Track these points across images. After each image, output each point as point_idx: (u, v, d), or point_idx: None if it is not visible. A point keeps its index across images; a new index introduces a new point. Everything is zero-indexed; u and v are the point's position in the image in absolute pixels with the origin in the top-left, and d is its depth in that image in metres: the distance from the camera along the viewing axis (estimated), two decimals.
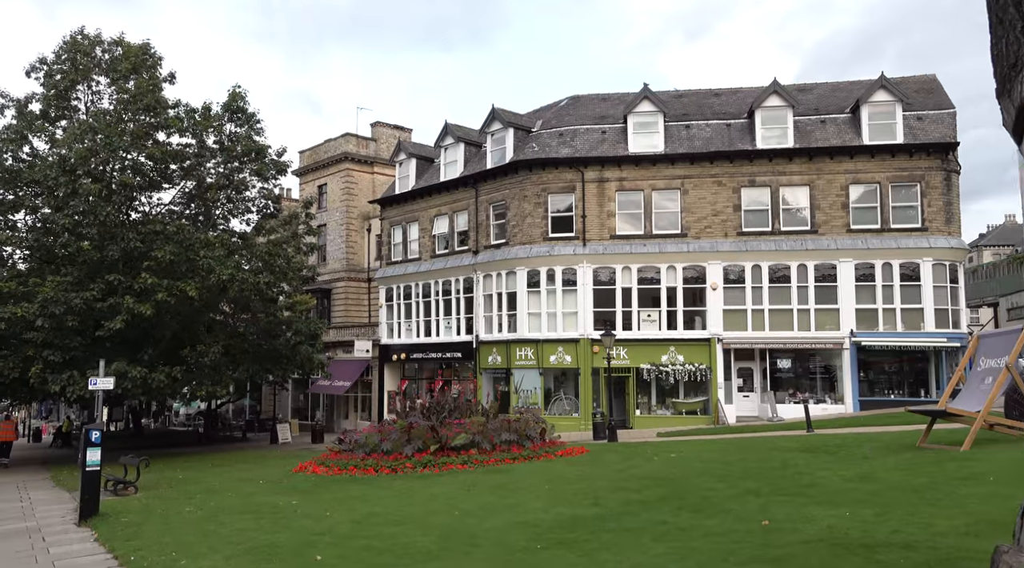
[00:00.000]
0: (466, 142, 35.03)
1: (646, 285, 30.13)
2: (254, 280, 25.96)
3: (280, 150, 29.55)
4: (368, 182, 43.63)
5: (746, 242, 29.44)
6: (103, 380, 15.24)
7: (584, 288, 30.25)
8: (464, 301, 33.75)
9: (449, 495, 12.03)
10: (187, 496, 14.67)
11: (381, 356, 37.65)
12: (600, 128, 31.99)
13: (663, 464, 14.18)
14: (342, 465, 16.52)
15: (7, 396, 32.24)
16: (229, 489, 15.46)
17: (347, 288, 42.70)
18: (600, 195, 30.67)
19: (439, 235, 35.59)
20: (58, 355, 23.50)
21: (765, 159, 29.62)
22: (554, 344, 30.38)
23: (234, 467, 21.53)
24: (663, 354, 29.64)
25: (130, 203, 27.19)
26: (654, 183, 30.45)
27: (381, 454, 16.48)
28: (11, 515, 14.27)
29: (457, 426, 17.06)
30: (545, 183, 31.18)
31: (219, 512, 12.09)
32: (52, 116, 27.93)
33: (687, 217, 30.04)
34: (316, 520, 10.60)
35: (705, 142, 30.52)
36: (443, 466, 15.71)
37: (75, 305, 23.08)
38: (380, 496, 12.62)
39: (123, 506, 13.67)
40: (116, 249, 24.46)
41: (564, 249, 30.54)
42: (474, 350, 32.79)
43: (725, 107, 32.44)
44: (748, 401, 29.95)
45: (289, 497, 13.32)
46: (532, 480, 13.12)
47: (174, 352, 27.19)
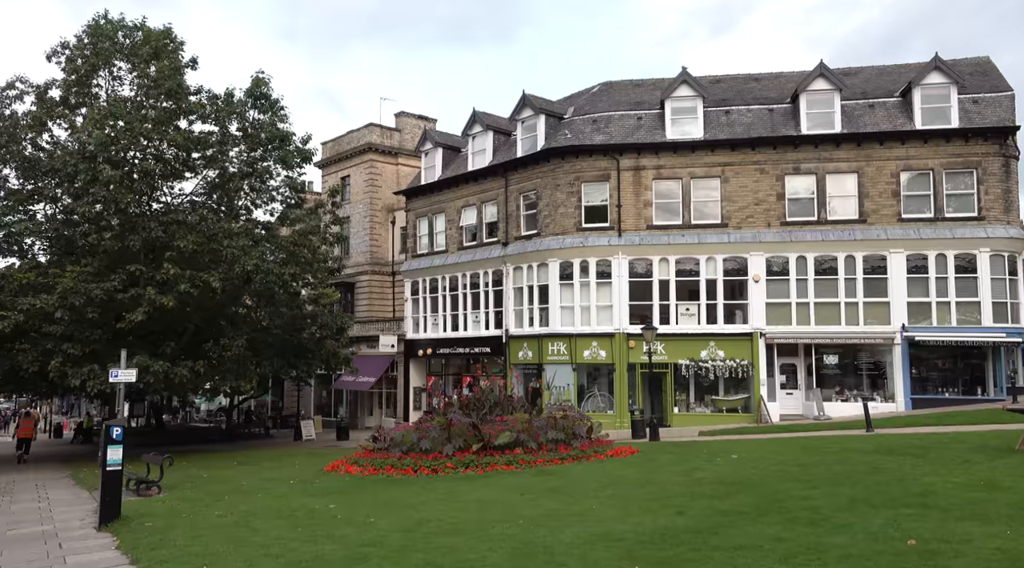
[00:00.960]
0: (495, 130, 33.90)
1: (684, 277, 28.86)
2: (279, 271, 24.99)
3: (305, 137, 28.60)
4: (392, 173, 42.63)
5: (790, 232, 28.08)
6: (125, 372, 14.18)
7: (619, 280, 29.03)
8: (493, 294, 32.64)
9: (503, 500, 10.92)
10: (215, 497, 13.67)
11: (406, 351, 36.67)
12: (635, 114, 30.73)
13: (730, 466, 12.99)
14: (377, 465, 15.45)
15: (27, 391, 31.61)
16: (259, 490, 14.45)
17: (371, 282, 41.75)
18: (636, 184, 29.42)
19: (467, 226, 34.49)
20: (78, 348, 22.65)
21: (810, 145, 28.23)
22: (588, 339, 29.20)
23: (260, 465, 20.56)
24: (702, 349, 28.37)
25: (151, 192, 26.31)
26: (693, 171, 29.15)
27: (419, 453, 15.40)
28: (28, 517, 13.34)
29: (500, 424, 15.95)
30: (578, 171, 29.98)
31: (251, 517, 11.05)
32: (72, 103, 27.10)
33: (728, 206, 28.73)
34: (360, 528, 9.52)
35: (746, 128, 29.17)
36: (487, 467, 14.61)
37: (95, 296, 22.21)
38: (424, 500, 11.53)
39: (146, 508, 12.68)
40: (137, 239, 23.58)
41: (598, 240, 29.34)
42: (504, 345, 31.68)
43: (766, 92, 31.06)
44: (792, 399, 28.61)
45: (325, 500, 12.27)
46: (590, 483, 11.99)
47: (196, 346, 26.31)
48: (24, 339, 24.18)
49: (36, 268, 24.99)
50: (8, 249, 27.50)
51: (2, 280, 23.24)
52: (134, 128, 24.04)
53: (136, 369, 13.58)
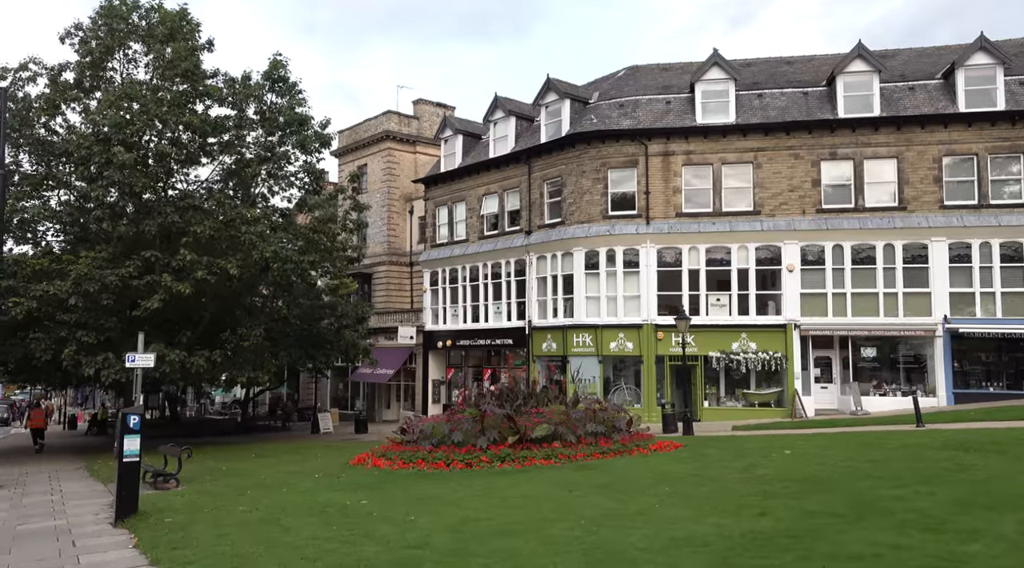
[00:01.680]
0: (518, 116, 32.94)
1: (715, 267, 27.85)
2: (298, 259, 24.18)
3: (324, 121, 27.72)
4: (410, 162, 41.76)
5: (826, 220, 27.01)
6: (142, 357, 13.30)
7: (647, 270, 28.05)
8: (515, 285, 31.74)
9: (550, 497, 10.05)
10: (236, 492, 12.87)
11: (425, 343, 35.85)
12: (664, 98, 29.70)
13: (789, 462, 12.06)
14: (407, 458, 14.60)
15: (40, 381, 31.02)
16: (282, 484, 13.64)
17: (388, 272, 40.95)
18: (665, 170, 28.41)
19: (488, 215, 33.58)
20: (92, 336, 21.93)
21: (847, 129, 27.12)
22: (614, 330, 28.25)
23: (279, 458, 19.79)
24: (734, 341, 27.37)
25: (167, 178, 25.54)
26: (724, 157, 28.11)
27: (451, 446, 14.54)
28: (40, 510, 12.58)
29: (536, 415, 15.05)
30: (605, 157, 28.99)
31: (279, 513, 10.23)
32: (86, 86, 26.38)
33: (760, 193, 27.68)
34: (400, 526, 8.67)
35: (780, 112, 28.09)
36: (524, 461, 13.73)
37: (110, 283, 21.48)
38: (463, 496, 10.68)
39: (165, 502, 11.89)
40: (153, 224, 22.83)
41: (626, 228, 28.36)
42: (527, 336, 30.79)
43: (799, 75, 29.96)
44: (826, 393, 27.60)
45: (355, 495, 11.44)
46: (641, 479, 11.10)
47: (212, 336, 25.60)
48: (37, 327, 23.53)
49: (49, 254, 24.31)
50: (22, 236, 26.86)
51: (15, 266, 22.55)
52: (149, 110, 23.29)
53: (154, 354, 12.71)
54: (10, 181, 25.57)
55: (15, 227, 26.32)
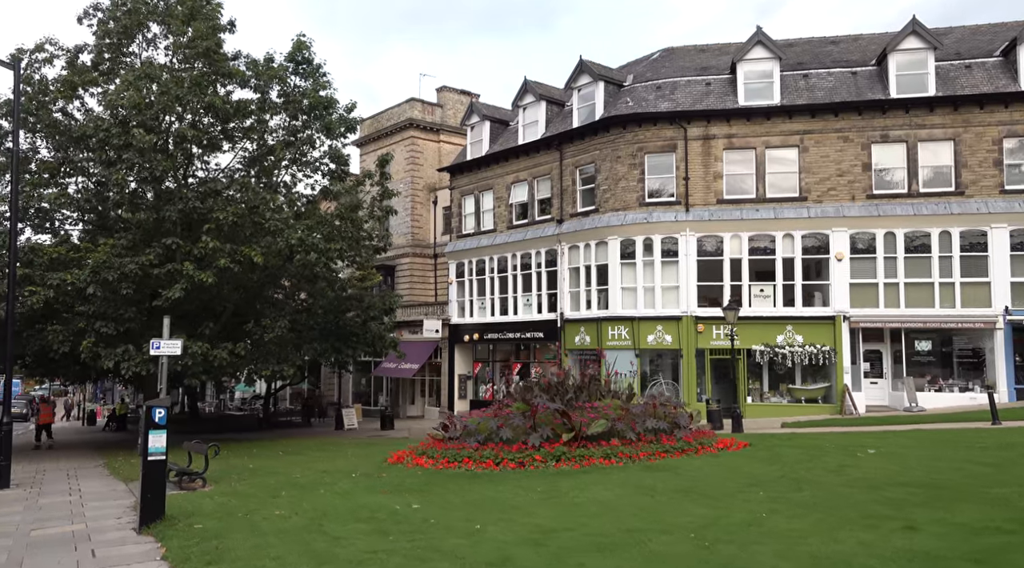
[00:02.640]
0: (548, 100, 31.71)
1: (759, 256, 26.51)
2: (324, 247, 23.09)
3: (349, 105, 26.60)
4: (434, 151, 40.62)
5: (877, 206, 25.59)
6: (168, 344, 12.13)
7: (687, 259, 26.76)
8: (546, 276, 30.54)
9: (629, 503, 8.87)
10: (269, 492, 11.77)
11: (451, 337, 34.76)
12: (703, 79, 28.35)
13: (883, 462, 10.82)
14: (451, 456, 13.44)
15: (57, 374, 30.17)
16: (317, 484, 12.53)
17: (412, 265, 39.85)
18: (705, 154, 27.08)
19: (517, 204, 32.39)
20: (111, 327, 20.96)
21: (900, 110, 25.67)
22: (652, 322, 26.99)
23: (308, 456, 18.72)
24: (779, 334, 26.03)
25: (188, 164, 24.50)
26: (768, 140, 26.73)
27: (500, 444, 13.36)
28: (57, 512, 11.54)
29: (590, 410, 13.85)
30: (641, 142, 27.70)
31: (321, 518, 9.10)
32: (104, 69, 25.41)
33: (807, 178, 26.29)
34: (469, 538, 7.51)
35: (828, 93, 26.66)
36: (582, 460, 12.54)
37: (130, 271, 20.48)
38: (527, 501, 9.50)
39: (193, 505, 10.80)
40: (173, 210, 21.80)
41: (664, 215, 27.08)
42: (558, 329, 29.59)
43: (846, 55, 28.50)
44: (876, 388, 26.21)
45: (403, 498, 10.30)
46: (725, 483, 9.88)
47: (235, 328, 24.62)
48: (55, 319, 22.61)
49: (66, 243, 23.39)
50: (40, 225, 25.95)
51: (31, 254, 21.61)
52: (170, 91, 22.24)
53: (180, 340, 11.61)
54: (26, 169, 24.67)
55: (32, 216, 25.44)
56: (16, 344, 22.51)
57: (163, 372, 11.88)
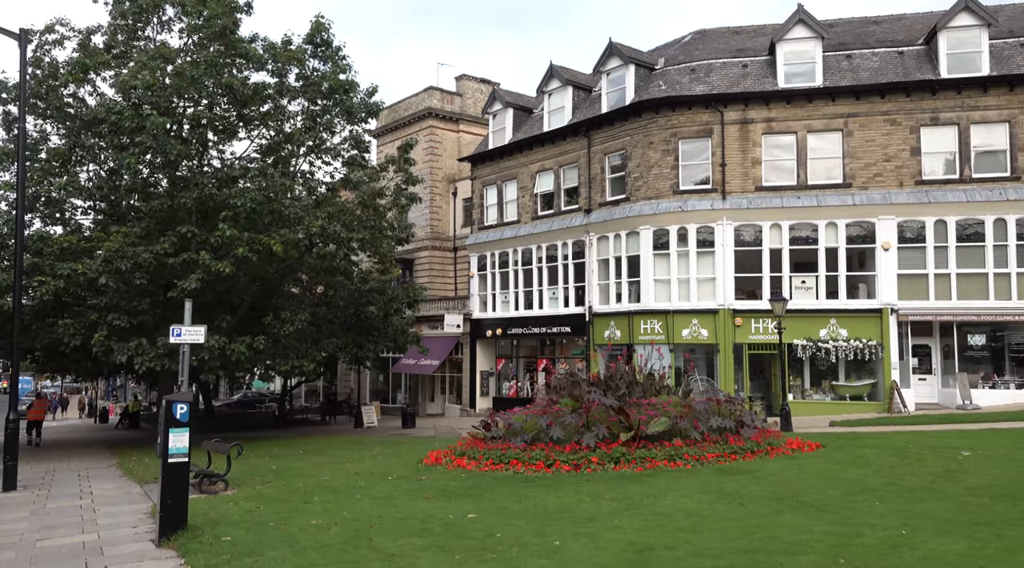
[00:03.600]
0: (575, 86, 30.47)
1: (800, 246, 25.21)
2: (347, 236, 21.97)
3: (370, 89, 25.47)
4: (453, 141, 39.46)
5: (927, 192, 24.24)
6: (190, 331, 10.97)
7: (723, 250, 25.49)
8: (573, 268, 29.33)
9: (724, 514, 7.69)
10: (300, 497, 10.64)
11: (472, 332, 33.61)
12: (740, 61, 27.04)
13: (992, 465, 9.54)
14: (496, 457, 12.25)
15: (69, 370, 29.22)
16: (351, 487, 11.38)
17: (431, 258, 38.71)
18: (743, 139, 25.79)
19: (542, 193, 31.19)
20: (124, 320, 19.91)
21: (952, 91, 24.30)
22: (687, 316, 25.74)
23: (333, 455, 17.59)
24: (821, 328, 24.73)
25: (203, 150, 23.39)
26: (810, 124, 25.41)
27: (550, 444, 12.16)
28: (67, 519, 10.45)
29: (648, 407, 12.63)
30: (675, 127, 26.43)
31: (367, 529, 7.96)
32: (117, 52, 24.38)
33: (851, 164, 24.96)
34: (552, 558, 6.37)
35: (873, 74, 25.30)
36: (644, 462, 11.34)
37: (144, 260, 19.42)
38: (601, 511, 8.32)
39: (217, 511, 9.68)
40: (189, 197, 20.72)
41: (699, 204, 25.82)
42: (587, 324, 28.38)
43: (890, 35, 27.13)
44: (925, 385, 24.86)
45: (454, 505, 9.15)
46: (820, 489, 8.68)
47: (253, 322, 23.56)
48: (66, 313, 21.62)
49: (77, 232, 22.37)
50: (50, 216, 24.95)
51: (40, 243, 20.58)
52: (185, 72, 21.16)
53: (204, 327, 10.52)
54: (35, 157, 23.68)
55: (42, 205, 24.46)
56: (24, 338, 21.57)
57: (184, 362, 10.72)
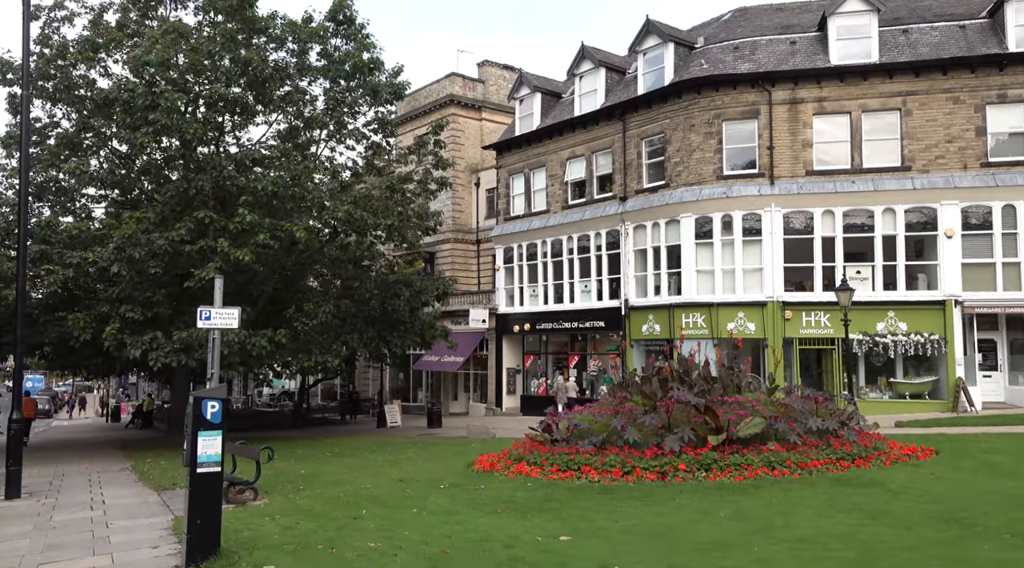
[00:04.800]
0: (608, 67, 28.93)
1: (855, 233, 23.61)
2: (373, 222, 20.51)
3: (396, 68, 23.97)
4: (475, 130, 37.97)
5: (994, 175, 22.59)
6: (221, 312, 9.29)
7: (772, 238, 23.91)
8: (607, 259, 27.79)
9: (896, 542, 6.11)
10: (345, 510, 9.16)
11: (498, 327, 32.14)
12: (788, 38, 25.41)
13: None
14: (563, 463, 10.69)
15: (79, 367, 27.88)
16: (400, 498, 9.89)
17: (453, 251, 37.23)
18: (792, 120, 24.19)
19: (572, 181, 29.67)
20: (138, 312, 18.51)
21: (1021, 66, 22.63)
22: (732, 309, 24.18)
23: (364, 458, 16.12)
24: (878, 321, 23.12)
25: (219, 133, 21.94)
26: (865, 103, 23.78)
27: (625, 448, 10.62)
28: (76, 535, 9.02)
29: (735, 406, 11.07)
30: (719, 108, 24.85)
31: (442, 558, 6.47)
32: (130, 31, 23.00)
33: (911, 145, 23.32)
34: None
35: (933, 49, 23.63)
36: (741, 470, 9.77)
37: (159, 247, 18.00)
38: (724, 534, 6.76)
39: (250, 528, 8.20)
40: (207, 179, 19.29)
41: (745, 189, 24.24)
42: (622, 318, 26.84)
43: (948, 8, 25.44)
44: (990, 382, 23.23)
45: (535, 522, 7.65)
46: (991, 507, 7.11)
47: (273, 315, 22.16)
48: (76, 306, 20.26)
49: (88, 219, 21.00)
50: (60, 205, 23.59)
51: (47, 230, 19.21)
52: (200, 47, 19.74)
53: (238, 309, 9.05)
54: (44, 142, 22.33)
55: (51, 192, 23.14)
56: (32, 332, 20.22)
57: (215, 350, 9.15)
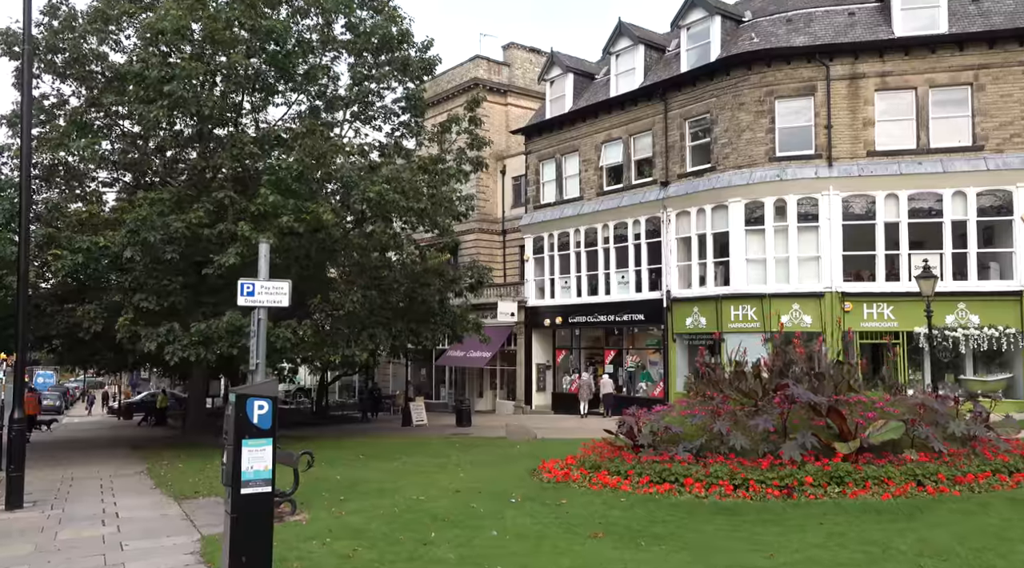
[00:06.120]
0: (647, 44, 27.24)
1: (921, 219, 21.90)
2: (406, 205, 18.94)
3: (426, 42, 22.42)
4: (501, 115, 36.34)
5: None
6: (268, 287, 7.37)
7: (830, 224, 22.22)
8: (647, 248, 26.13)
9: None
10: (406, 530, 7.60)
11: (527, 321, 30.60)
12: (846, 8, 23.66)
13: None
14: (657, 474, 8.95)
15: (90, 362, 26.43)
16: (467, 515, 8.32)
17: (478, 242, 35.65)
18: (852, 97, 22.47)
19: (608, 166, 28.03)
20: (153, 301, 17.02)
21: None
22: (786, 300, 22.50)
23: (402, 462, 14.57)
24: (948, 313, 21.37)
25: (238, 111, 20.38)
26: (932, 78, 22.03)
27: (731, 456, 8.95)
28: (83, 559, 7.48)
29: (860, 407, 9.38)
30: (771, 84, 23.14)
31: None
32: (144, 4, 21.49)
33: (983, 123, 21.58)
34: None
35: (1008, 18, 21.85)
36: (884, 485, 8.03)
37: (175, 230, 16.47)
38: None
39: (301, 558, 6.64)
40: (226, 156, 17.75)
41: (800, 172, 22.55)
42: (664, 310, 25.20)
43: None
44: None
45: (657, 554, 6.09)
46: None
47: (296, 306, 20.54)
48: (86, 297, 18.81)
49: (97, 202, 19.53)
50: (69, 189, 22.13)
51: (55, 212, 17.73)
52: (219, 15, 18.19)
53: (288, 282, 7.49)
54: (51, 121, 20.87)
55: (61, 177, 21.69)
56: (39, 324, 18.80)
57: (261, 333, 7.41)
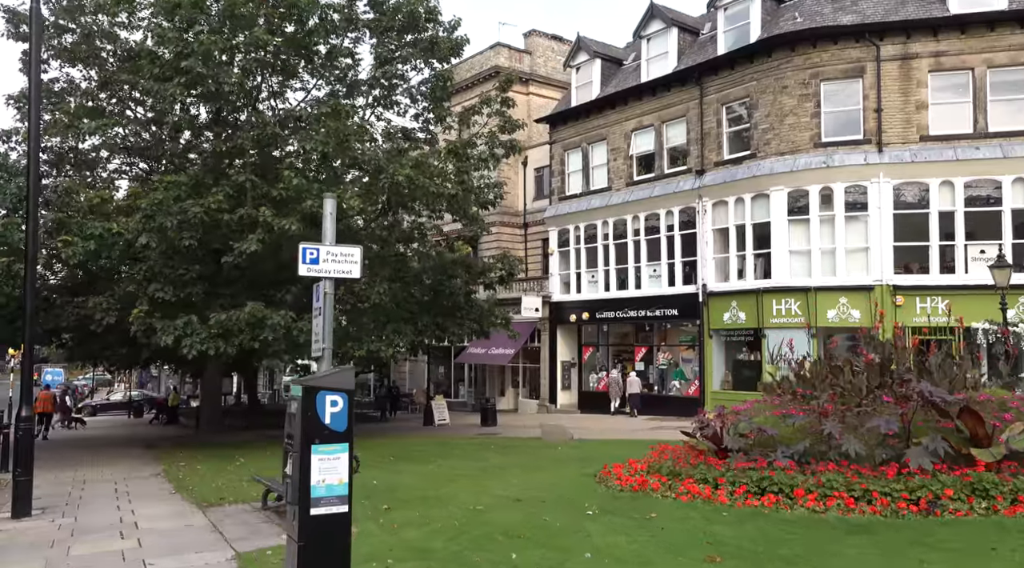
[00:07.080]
0: (681, 27, 26.05)
1: (978, 208, 20.66)
2: (437, 190, 17.81)
3: (453, 22, 21.27)
4: (523, 104, 35.06)
5: None
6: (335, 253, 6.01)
7: (880, 213, 20.99)
8: (680, 240, 24.95)
9: None
10: (479, 549, 6.50)
11: (552, 317, 29.45)
12: None
13: None
14: (755, 483, 7.74)
15: (102, 358, 25.36)
16: (543, 531, 7.18)
17: (499, 235, 34.46)
18: (904, 78, 21.23)
19: (639, 155, 26.83)
20: (169, 292, 15.95)
21: None
22: (833, 294, 21.29)
23: (439, 465, 13.45)
24: (1009, 308, 20.04)
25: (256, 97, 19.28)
26: (991, 57, 20.78)
27: (843, 463, 7.72)
28: None
29: (990, 406, 8.15)
30: (816, 66, 21.92)
31: None
32: None
33: None
34: None
35: None
36: None
37: (193, 215, 15.38)
38: None
39: None
40: (247, 138, 16.67)
41: (848, 158, 21.33)
42: (699, 305, 24.01)
43: None
44: None
45: None
46: None
47: None
48: (95, 284, 17.77)
49: (108, 187, 18.50)
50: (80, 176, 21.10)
51: (65, 197, 16.68)
52: None
53: (359, 249, 6.46)
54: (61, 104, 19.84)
55: (71, 162, 20.67)
56: (48, 317, 17.73)
57: (327, 310, 6.14)
